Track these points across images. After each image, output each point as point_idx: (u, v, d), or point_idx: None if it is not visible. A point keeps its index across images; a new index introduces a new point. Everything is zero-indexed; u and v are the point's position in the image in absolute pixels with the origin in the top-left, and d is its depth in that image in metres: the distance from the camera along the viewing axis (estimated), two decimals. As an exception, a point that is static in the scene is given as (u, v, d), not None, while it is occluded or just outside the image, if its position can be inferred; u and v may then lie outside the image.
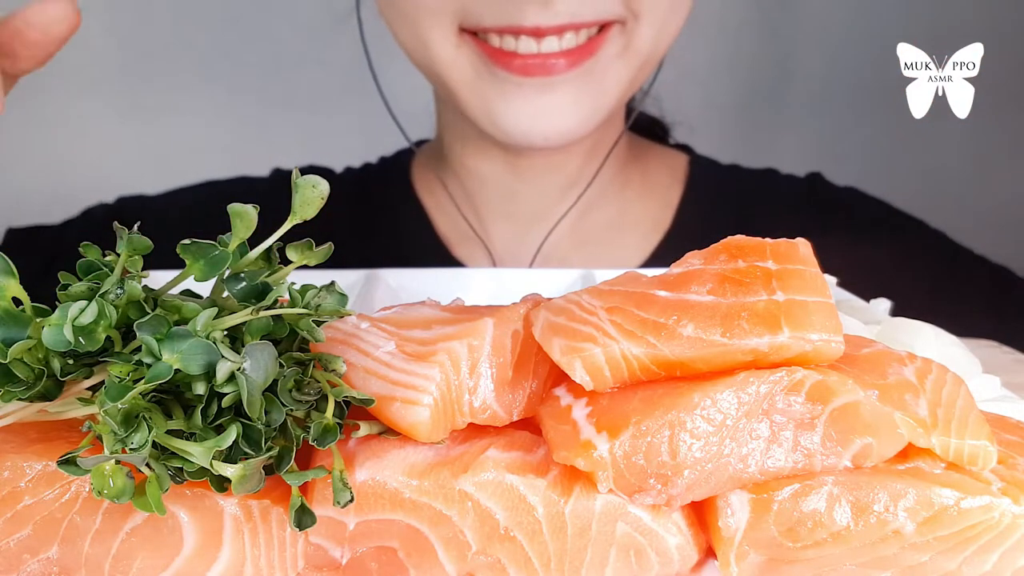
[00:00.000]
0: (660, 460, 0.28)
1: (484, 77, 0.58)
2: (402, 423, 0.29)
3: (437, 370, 0.30)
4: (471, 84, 0.59)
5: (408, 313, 0.34)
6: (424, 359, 0.30)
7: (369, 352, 0.31)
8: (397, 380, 0.30)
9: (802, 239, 0.31)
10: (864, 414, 0.29)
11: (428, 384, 0.29)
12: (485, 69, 0.58)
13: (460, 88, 0.60)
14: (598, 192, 0.73)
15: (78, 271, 0.31)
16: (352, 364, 0.31)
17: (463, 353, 0.30)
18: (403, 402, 0.29)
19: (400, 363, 0.30)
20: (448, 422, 0.30)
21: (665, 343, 0.29)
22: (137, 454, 0.26)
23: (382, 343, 0.31)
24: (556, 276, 0.59)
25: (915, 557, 0.29)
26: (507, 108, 0.58)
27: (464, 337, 0.31)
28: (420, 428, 0.29)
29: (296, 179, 0.31)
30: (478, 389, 0.31)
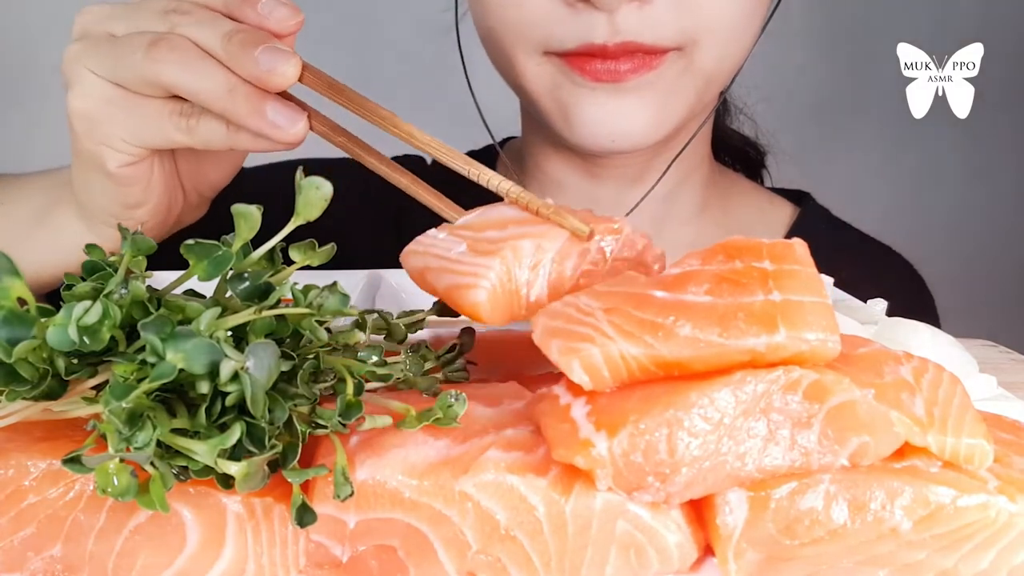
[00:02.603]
0: (658, 458, 0.28)
1: (562, 85, 0.63)
2: (464, 305, 0.33)
3: (498, 260, 0.33)
4: (550, 92, 0.64)
5: (487, 215, 0.37)
6: (489, 254, 0.33)
7: (443, 255, 0.35)
8: (463, 271, 0.33)
9: (798, 239, 0.32)
10: (861, 413, 0.29)
11: (488, 272, 0.33)
12: (563, 78, 0.62)
13: (540, 97, 0.65)
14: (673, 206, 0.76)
15: (82, 271, 0.31)
16: (430, 268, 0.34)
17: (528, 249, 0.33)
18: (464, 288, 0.33)
19: (468, 258, 0.34)
20: (506, 309, 0.33)
21: (663, 343, 0.29)
22: (141, 453, 0.26)
23: (454, 246, 0.35)
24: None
25: (912, 555, 0.30)
26: (580, 111, 0.62)
27: (534, 237, 0.34)
28: (479, 308, 0.32)
29: (300, 180, 0.31)
30: (534, 286, 0.34)
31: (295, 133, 0.42)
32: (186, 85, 0.42)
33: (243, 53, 0.41)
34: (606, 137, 0.63)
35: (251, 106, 0.41)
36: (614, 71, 0.60)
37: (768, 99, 0.86)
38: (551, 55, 0.62)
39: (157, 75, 0.42)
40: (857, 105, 1.57)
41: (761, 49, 0.67)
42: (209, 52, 0.42)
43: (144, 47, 0.42)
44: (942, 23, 1.44)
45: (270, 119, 0.41)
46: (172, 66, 0.42)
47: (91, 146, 0.46)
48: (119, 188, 0.47)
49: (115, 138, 0.45)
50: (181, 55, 0.42)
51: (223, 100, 0.41)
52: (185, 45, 0.42)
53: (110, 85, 0.44)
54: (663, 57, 0.60)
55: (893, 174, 1.63)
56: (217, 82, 0.41)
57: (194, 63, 0.42)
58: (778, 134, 0.90)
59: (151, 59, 0.42)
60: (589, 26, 0.58)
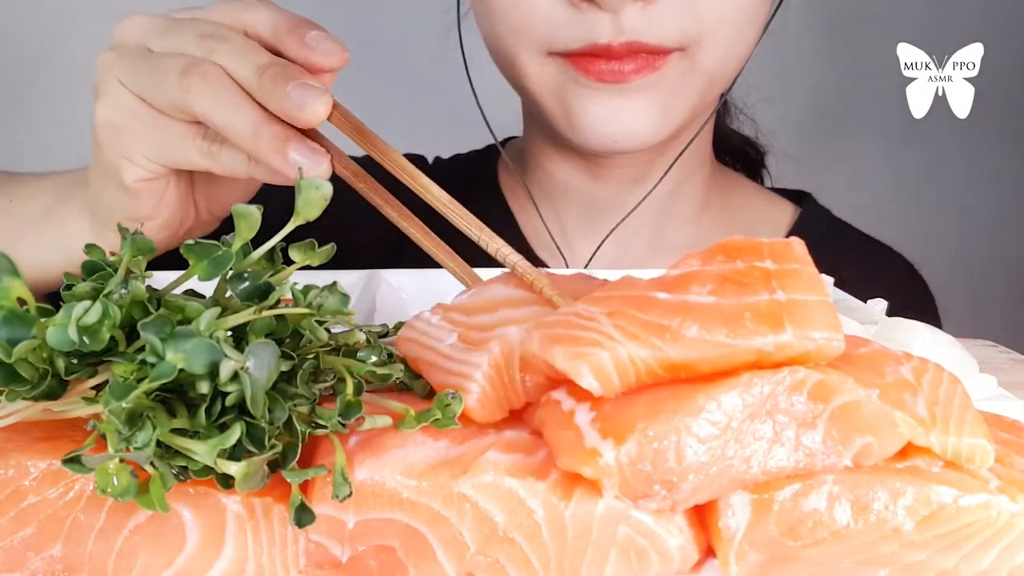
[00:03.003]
0: (667, 466, 0.28)
1: (565, 86, 0.63)
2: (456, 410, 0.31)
3: (486, 357, 0.32)
4: (553, 93, 0.64)
5: (480, 295, 0.37)
6: (479, 346, 0.32)
7: (434, 347, 0.34)
8: (453, 370, 0.32)
9: (796, 238, 0.32)
10: (865, 413, 0.29)
11: (475, 372, 0.32)
12: (567, 79, 0.62)
13: (543, 97, 0.65)
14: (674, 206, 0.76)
15: (82, 271, 0.31)
16: (423, 359, 0.34)
17: (515, 340, 0.32)
18: (455, 389, 0.32)
19: (459, 354, 0.33)
20: (500, 404, 0.32)
21: (670, 345, 0.29)
22: (141, 452, 0.26)
23: (446, 336, 0.34)
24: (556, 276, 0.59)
25: (913, 555, 0.29)
26: (584, 111, 0.62)
27: (523, 323, 0.33)
28: (472, 413, 0.32)
29: (299, 180, 0.31)
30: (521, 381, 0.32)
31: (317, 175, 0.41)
32: (214, 118, 0.42)
33: (275, 87, 0.41)
34: (609, 137, 0.63)
35: (274, 147, 0.42)
36: (618, 71, 0.60)
37: (768, 99, 0.86)
38: (554, 56, 0.62)
39: (187, 103, 0.42)
40: (857, 105, 1.57)
41: (761, 49, 0.67)
42: (241, 83, 0.42)
43: (178, 73, 0.42)
44: (942, 23, 1.44)
45: (292, 160, 0.42)
46: (203, 98, 0.42)
47: (111, 157, 0.46)
48: (131, 201, 0.47)
49: (136, 153, 0.45)
50: (213, 87, 0.42)
51: (248, 140, 0.42)
52: (217, 76, 0.42)
53: (138, 100, 0.44)
54: (666, 58, 0.60)
55: (893, 174, 1.63)
56: (244, 121, 0.42)
57: (224, 98, 0.42)
58: (778, 134, 0.90)
59: (183, 87, 0.42)
60: (593, 26, 0.58)
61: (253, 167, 0.44)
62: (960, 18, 1.49)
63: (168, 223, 0.50)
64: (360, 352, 0.34)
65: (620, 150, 0.64)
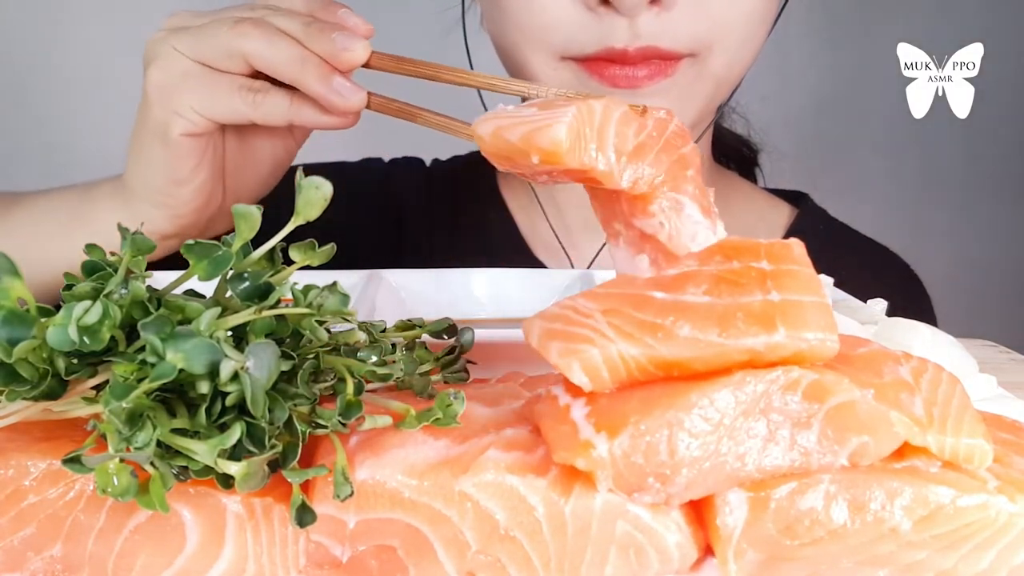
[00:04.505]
0: (659, 459, 0.28)
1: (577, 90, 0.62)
2: (543, 142, 0.33)
3: (573, 109, 0.34)
4: None
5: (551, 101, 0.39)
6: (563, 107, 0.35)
7: (515, 114, 0.36)
8: (540, 118, 0.34)
9: (796, 239, 0.32)
10: (860, 413, 0.29)
11: (564, 113, 0.34)
12: (578, 83, 0.63)
13: None
14: None
15: (82, 271, 0.31)
16: (502, 126, 0.35)
17: (597, 108, 0.35)
18: (543, 127, 0.33)
19: (543, 113, 0.35)
20: (579, 154, 0.34)
21: (662, 343, 0.29)
22: (141, 452, 0.27)
23: (527, 110, 0.36)
24: (556, 276, 0.59)
25: (912, 555, 0.30)
26: None
27: (601, 100, 0.35)
28: (559, 144, 0.33)
29: (299, 180, 0.31)
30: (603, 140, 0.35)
31: (356, 101, 0.48)
32: (266, 54, 0.48)
33: (320, 34, 0.48)
34: None
35: (320, 75, 0.47)
36: (632, 77, 0.60)
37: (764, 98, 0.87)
38: (567, 60, 0.62)
39: (240, 46, 0.48)
40: (857, 105, 1.57)
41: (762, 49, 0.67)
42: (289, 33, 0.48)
43: (230, 23, 0.49)
44: (942, 23, 1.44)
45: (336, 87, 0.48)
46: (255, 39, 0.48)
47: (161, 113, 0.50)
48: (174, 159, 0.51)
49: (186, 107, 0.50)
50: (263, 31, 0.48)
51: (297, 68, 0.48)
52: (268, 24, 0.49)
53: (191, 61, 0.49)
54: (677, 64, 0.61)
55: (893, 174, 1.63)
56: (292, 53, 0.48)
57: (274, 37, 0.48)
58: (778, 134, 0.90)
59: (236, 32, 0.48)
60: (610, 31, 0.59)
61: (295, 109, 0.49)
62: (960, 18, 1.49)
63: (199, 191, 0.53)
64: (360, 352, 0.34)
65: None
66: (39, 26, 1.40)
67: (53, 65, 1.41)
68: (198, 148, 0.52)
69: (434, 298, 0.58)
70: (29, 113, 1.42)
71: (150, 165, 0.53)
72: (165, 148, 0.51)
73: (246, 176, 0.56)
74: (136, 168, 0.54)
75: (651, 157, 0.36)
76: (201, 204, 0.54)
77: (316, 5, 0.51)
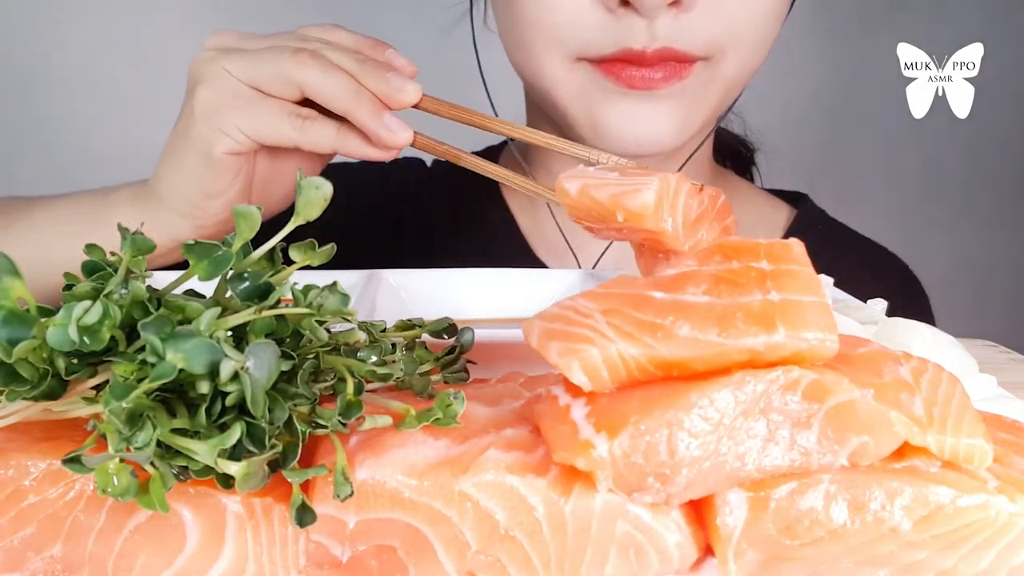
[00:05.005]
0: (659, 459, 0.28)
1: (591, 91, 0.64)
2: (633, 205, 0.38)
3: (656, 180, 0.38)
4: (578, 97, 0.65)
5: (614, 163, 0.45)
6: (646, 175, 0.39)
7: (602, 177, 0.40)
8: (628, 183, 0.39)
9: (795, 239, 0.32)
10: (860, 413, 0.29)
11: (651, 182, 0.38)
12: (593, 83, 0.63)
13: (567, 102, 0.66)
14: None
15: (82, 271, 0.31)
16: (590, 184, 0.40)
17: (672, 181, 0.39)
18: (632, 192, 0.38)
19: (627, 179, 0.39)
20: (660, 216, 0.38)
21: (662, 343, 0.29)
22: (141, 452, 0.27)
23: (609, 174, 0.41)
24: (557, 276, 0.59)
25: (912, 555, 0.30)
26: (609, 114, 0.64)
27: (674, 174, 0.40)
28: (647, 208, 0.37)
29: (299, 180, 0.31)
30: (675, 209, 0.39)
31: (403, 139, 0.51)
32: (322, 85, 0.50)
33: (376, 72, 0.50)
34: (633, 142, 0.64)
35: (372, 110, 0.50)
36: (648, 79, 0.61)
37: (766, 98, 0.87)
38: (583, 61, 0.62)
39: (297, 74, 0.50)
40: (857, 105, 1.57)
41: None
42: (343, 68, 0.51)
43: (290, 51, 0.50)
44: (942, 23, 1.44)
45: (386, 123, 0.50)
46: (311, 69, 0.50)
47: (206, 130, 0.52)
48: (212, 175, 0.53)
49: (232, 126, 0.51)
50: (321, 63, 0.50)
51: (351, 101, 0.50)
52: (323, 56, 0.51)
53: (242, 84, 0.51)
54: (691, 67, 0.61)
55: (893, 174, 1.63)
56: (348, 87, 0.50)
57: (331, 70, 0.50)
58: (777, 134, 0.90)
59: (295, 60, 0.50)
60: (628, 32, 0.59)
61: (340, 139, 0.51)
62: (960, 18, 1.49)
63: (229, 204, 0.55)
64: (360, 352, 0.34)
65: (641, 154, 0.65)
66: (39, 26, 1.41)
67: (53, 65, 1.41)
68: (236, 165, 0.53)
69: (434, 298, 0.58)
70: (29, 113, 1.42)
71: (186, 177, 0.54)
72: (206, 163, 0.52)
73: (273, 191, 0.57)
74: (170, 178, 0.55)
75: (706, 226, 0.41)
76: (226, 217, 0.55)
77: (365, 44, 0.53)
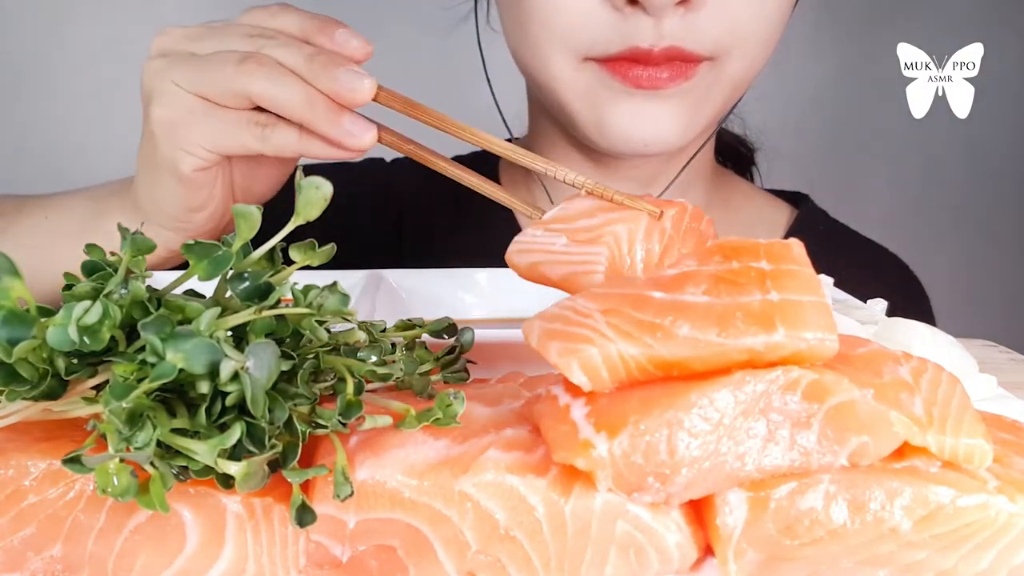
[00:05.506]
0: (658, 459, 0.28)
1: (597, 90, 0.63)
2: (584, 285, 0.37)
3: (604, 248, 0.38)
4: (584, 96, 0.64)
5: (570, 208, 0.42)
6: (593, 242, 0.39)
7: (549, 249, 0.39)
8: (576, 260, 0.38)
9: (795, 239, 0.32)
10: (860, 413, 0.29)
11: (599, 258, 0.38)
12: (599, 83, 0.63)
13: (573, 102, 0.65)
14: None
15: (82, 271, 0.31)
16: (539, 262, 0.39)
17: (623, 235, 0.38)
18: (582, 275, 0.37)
19: (575, 248, 0.39)
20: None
21: (661, 343, 0.29)
22: (141, 452, 0.27)
23: (555, 240, 0.40)
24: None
25: (912, 555, 0.30)
26: (615, 114, 0.63)
27: (623, 223, 0.39)
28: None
29: (299, 180, 0.31)
30: (633, 263, 0.39)
31: (367, 141, 0.47)
32: (272, 95, 0.47)
33: (325, 72, 0.46)
34: (640, 142, 0.64)
35: (328, 117, 0.46)
36: (655, 78, 0.61)
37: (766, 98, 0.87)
38: (589, 61, 0.62)
39: (246, 86, 0.47)
40: (857, 105, 1.57)
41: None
42: (293, 70, 0.47)
43: (235, 62, 0.47)
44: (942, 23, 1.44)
45: (346, 128, 0.46)
46: (260, 79, 0.46)
47: (169, 151, 0.50)
48: (187, 192, 0.51)
49: (194, 144, 0.49)
50: (269, 70, 0.47)
51: (304, 110, 0.46)
52: (271, 62, 0.47)
53: (193, 97, 0.48)
54: (696, 67, 0.62)
55: (893, 174, 1.63)
56: (299, 94, 0.46)
57: (280, 77, 0.46)
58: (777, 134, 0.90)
59: (241, 72, 0.47)
60: (635, 30, 0.59)
61: (304, 142, 0.48)
62: (960, 18, 1.49)
63: (214, 214, 0.54)
64: (360, 352, 0.34)
65: (647, 153, 0.65)
66: (39, 26, 1.41)
67: (53, 65, 1.41)
68: (210, 179, 0.52)
69: (434, 298, 0.58)
70: (29, 113, 1.42)
71: (164, 196, 0.53)
72: (178, 183, 0.51)
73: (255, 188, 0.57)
74: (149, 197, 0.54)
75: (673, 255, 0.40)
76: (215, 223, 0.55)
77: (313, 27, 0.49)
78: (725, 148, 0.88)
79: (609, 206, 0.41)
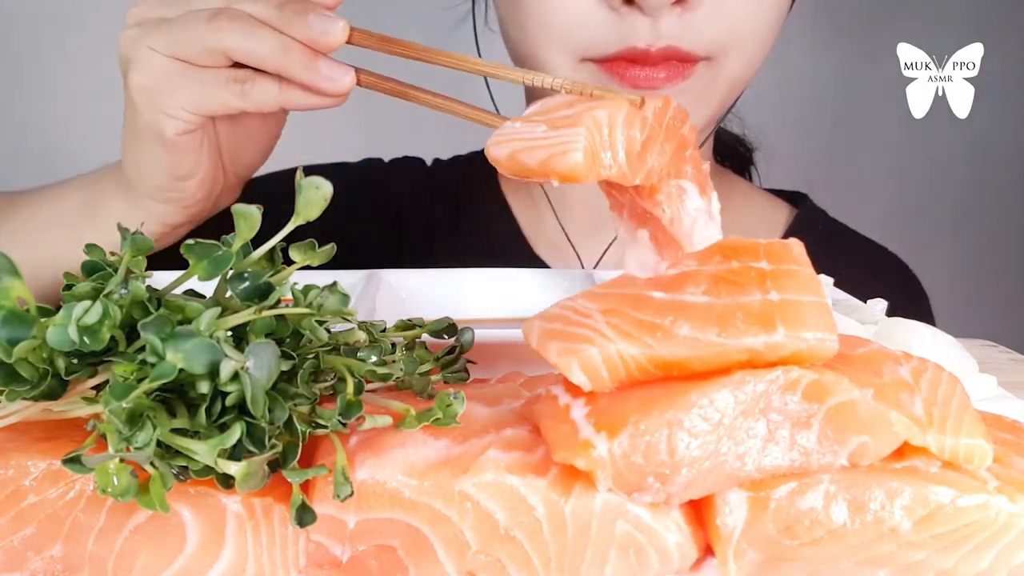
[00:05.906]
0: (658, 459, 0.28)
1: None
2: (563, 168, 0.36)
3: (583, 128, 0.37)
4: None
5: (550, 102, 0.42)
6: (572, 125, 0.38)
7: (528, 137, 0.39)
8: (554, 143, 0.37)
9: (795, 239, 0.32)
10: (860, 413, 0.29)
11: (577, 137, 0.37)
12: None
13: None
14: None
15: (82, 271, 0.31)
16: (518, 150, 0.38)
17: (603, 118, 0.38)
18: (561, 154, 0.36)
19: (554, 133, 0.38)
20: (595, 168, 0.37)
21: (661, 343, 0.29)
22: (141, 452, 0.27)
23: (535, 128, 0.39)
24: (557, 276, 0.59)
25: (912, 555, 0.30)
26: None
27: (604, 108, 0.38)
28: (578, 168, 0.36)
29: (299, 180, 0.31)
30: (614, 148, 0.38)
31: (346, 84, 0.47)
32: (246, 47, 0.47)
33: (297, 19, 0.46)
34: None
35: (304, 63, 0.47)
36: (652, 78, 0.61)
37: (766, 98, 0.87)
38: (587, 61, 0.62)
39: (219, 42, 0.47)
40: (857, 105, 1.57)
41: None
42: (265, 22, 0.47)
43: (205, 19, 0.47)
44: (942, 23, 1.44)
45: (324, 73, 0.47)
46: (233, 33, 0.47)
47: (151, 116, 0.50)
48: (173, 158, 0.51)
49: (174, 107, 0.49)
50: (240, 23, 0.47)
51: (280, 58, 0.47)
52: (243, 15, 0.47)
53: (169, 59, 0.48)
54: (693, 68, 0.62)
55: (893, 174, 1.63)
56: (274, 44, 0.47)
57: (252, 30, 0.47)
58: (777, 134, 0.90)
59: (213, 28, 0.47)
60: (632, 30, 0.59)
61: (285, 93, 0.48)
62: (960, 18, 1.49)
63: (203, 182, 0.53)
64: (360, 352, 0.34)
65: None
66: (39, 26, 1.41)
67: (53, 65, 1.41)
68: (195, 142, 0.51)
69: (434, 298, 0.58)
70: (29, 113, 1.42)
71: (151, 166, 0.52)
72: (163, 149, 0.51)
73: (244, 153, 0.56)
74: (137, 170, 0.54)
75: (656, 148, 0.39)
76: (206, 192, 0.54)
77: None
78: (724, 148, 0.88)
79: (587, 98, 0.41)
